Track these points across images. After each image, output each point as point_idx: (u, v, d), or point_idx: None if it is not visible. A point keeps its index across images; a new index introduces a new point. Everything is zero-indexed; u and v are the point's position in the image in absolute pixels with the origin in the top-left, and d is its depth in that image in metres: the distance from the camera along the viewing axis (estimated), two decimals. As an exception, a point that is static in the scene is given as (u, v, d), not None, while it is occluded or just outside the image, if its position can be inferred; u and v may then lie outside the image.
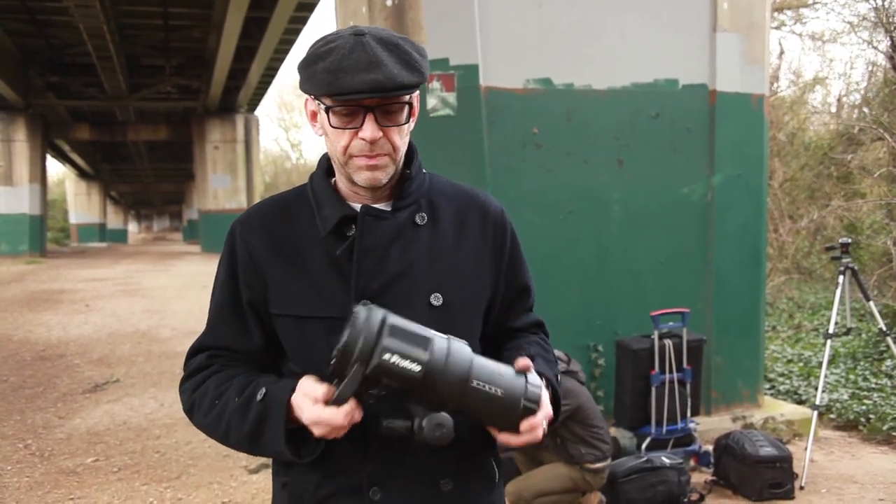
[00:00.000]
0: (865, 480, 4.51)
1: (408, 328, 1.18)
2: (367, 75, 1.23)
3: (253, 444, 1.33)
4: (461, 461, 1.40)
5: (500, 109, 4.81)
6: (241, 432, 1.32)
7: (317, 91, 1.28)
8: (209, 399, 1.37)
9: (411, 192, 1.41)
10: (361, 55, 1.25)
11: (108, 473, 4.80)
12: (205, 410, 1.38)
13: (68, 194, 49.07)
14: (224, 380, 1.39)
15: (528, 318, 1.55)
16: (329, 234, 1.38)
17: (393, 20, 4.67)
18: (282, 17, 18.28)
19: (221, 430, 1.36)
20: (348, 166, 1.34)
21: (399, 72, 1.26)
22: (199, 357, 1.45)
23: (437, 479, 1.37)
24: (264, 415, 1.29)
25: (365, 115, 1.28)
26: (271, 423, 1.28)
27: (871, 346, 7.47)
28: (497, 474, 1.48)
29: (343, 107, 1.28)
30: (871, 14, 11.89)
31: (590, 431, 3.72)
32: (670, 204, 5.11)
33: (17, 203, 25.83)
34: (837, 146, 11.75)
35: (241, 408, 1.32)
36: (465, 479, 1.40)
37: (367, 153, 1.31)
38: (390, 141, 1.32)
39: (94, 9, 16.50)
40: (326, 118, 1.31)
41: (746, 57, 5.23)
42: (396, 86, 1.25)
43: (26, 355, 8.58)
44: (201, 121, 28.83)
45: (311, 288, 1.37)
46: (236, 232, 1.44)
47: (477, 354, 1.23)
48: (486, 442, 1.44)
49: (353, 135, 1.30)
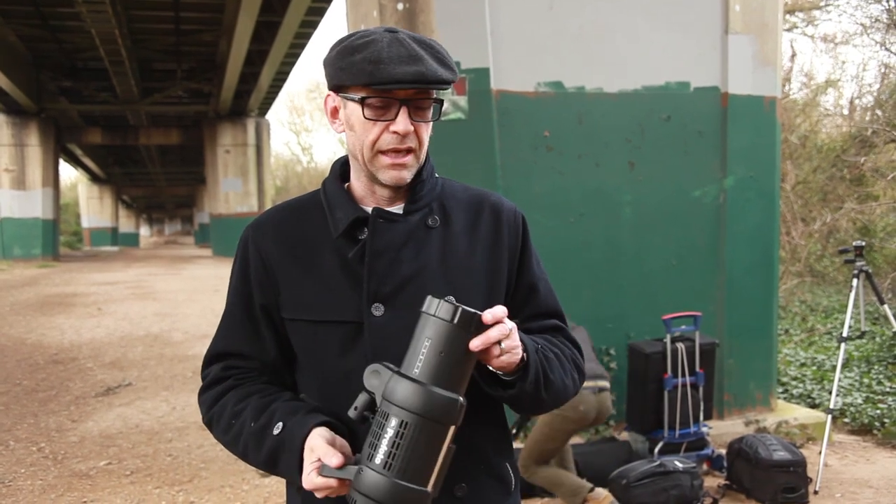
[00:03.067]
0: (881, 485, 4.48)
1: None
2: (410, 67, 1.25)
3: (270, 469, 1.35)
4: (475, 466, 1.38)
5: (512, 112, 4.81)
6: (258, 459, 1.35)
7: (355, 80, 1.28)
8: (226, 418, 1.39)
9: (423, 195, 1.41)
10: (400, 49, 1.27)
11: (121, 477, 4.81)
12: (223, 428, 1.40)
13: (81, 198, 49.44)
14: (241, 398, 1.40)
15: (545, 322, 1.49)
16: (341, 236, 1.37)
17: (404, 24, 4.67)
18: (293, 21, 18.34)
19: (239, 450, 1.38)
20: (374, 163, 1.34)
21: (438, 67, 1.29)
22: (214, 368, 1.46)
23: (450, 483, 1.35)
24: (279, 449, 1.31)
25: (399, 108, 1.29)
26: (285, 458, 1.30)
27: (885, 350, 7.42)
28: (513, 480, 1.46)
29: (379, 98, 1.29)
30: (883, 16, 11.83)
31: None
32: (682, 206, 5.09)
33: (31, 207, 26.04)
34: (850, 149, 11.68)
35: (258, 434, 1.34)
36: (479, 485, 1.39)
37: (396, 146, 1.31)
38: (418, 136, 1.33)
39: (106, 14, 16.62)
40: (360, 110, 1.31)
41: (758, 59, 5.20)
42: (437, 79, 1.27)
43: (39, 359, 8.62)
44: (212, 125, 28.97)
45: (324, 291, 1.36)
46: (248, 237, 1.44)
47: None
48: (501, 447, 1.43)
49: (384, 128, 1.31)
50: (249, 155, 29.27)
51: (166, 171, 46.60)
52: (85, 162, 41.87)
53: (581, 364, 1.47)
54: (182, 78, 25.36)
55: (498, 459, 1.43)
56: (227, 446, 1.42)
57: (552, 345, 1.43)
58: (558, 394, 1.39)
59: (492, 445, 1.41)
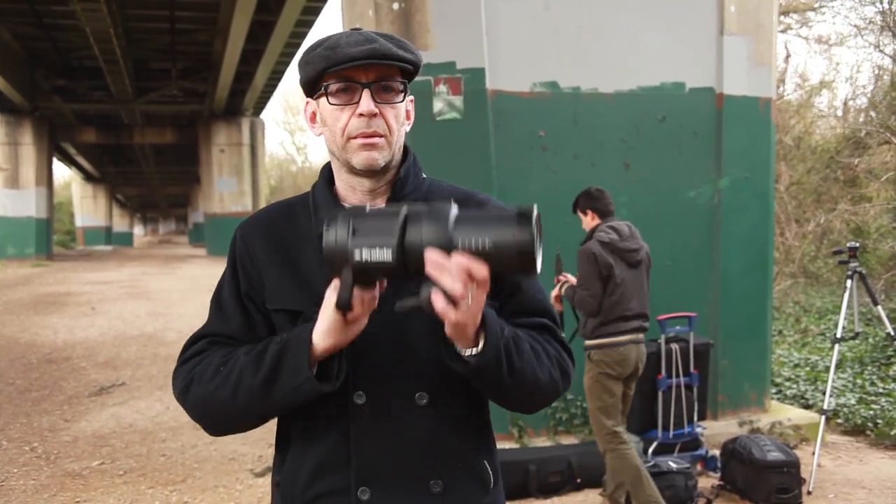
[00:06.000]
0: (873, 486, 4.49)
1: (374, 218, 1.17)
2: (364, 46, 1.30)
3: (268, 387, 1.29)
4: (451, 462, 1.38)
5: (507, 113, 4.81)
6: (255, 381, 1.29)
7: (316, 68, 1.33)
8: (213, 367, 1.35)
9: (406, 192, 1.42)
10: (358, 37, 1.33)
11: (114, 476, 4.80)
12: (208, 378, 1.34)
13: (74, 197, 49.26)
14: (228, 352, 1.38)
15: (531, 320, 1.45)
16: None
17: (399, 23, 4.67)
18: (288, 21, 18.31)
19: (229, 388, 1.32)
20: (346, 150, 1.36)
21: (392, 46, 1.33)
22: (199, 343, 1.43)
23: (426, 479, 1.35)
24: (282, 352, 1.29)
25: (362, 91, 1.33)
26: (291, 355, 1.27)
27: (878, 351, 7.45)
28: (492, 478, 1.44)
29: (340, 82, 1.33)
30: (877, 17, 11.88)
31: (606, 303, 3.82)
32: (677, 207, 5.10)
33: (24, 206, 25.95)
34: (844, 150, 11.72)
35: (255, 357, 1.31)
36: (456, 481, 1.38)
37: (364, 130, 1.33)
38: (386, 121, 1.35)
39: (100, 12, 16.57)
40: (326, 100, 1.35)
41: (753, 60, 5.22)
42: (391, 55, 1.31)
43: (32, 358, 8.59)
44: (207, 124, 28.91)
45: (303, 285, 1.38)
46: (238, 234, 1.48)
47: (461, 211, 1.17)
48: (478, 444, 1.43)
49: (351, 113, 1.34)
50: (244, 154, 29.22)
51: (160, 171, 46.45)
52: (79, 161, 41.72)
53: (566, 365, 1.43)
54: (177, 77, 25.28)
55: (475, 457, 1.42)
56: (211, 394, 1.33)
57: (535, 340, 1.39)
58: (526, 384, 1.33)
59: (469, 443, 1.41)
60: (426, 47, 4.67)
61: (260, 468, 4.82)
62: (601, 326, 3.82)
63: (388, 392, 1.34)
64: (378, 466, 1.34)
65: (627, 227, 3.91)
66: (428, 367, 1.34)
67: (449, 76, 4.67)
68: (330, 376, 1.29)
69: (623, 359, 3.79)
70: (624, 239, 3.85)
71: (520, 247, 1.10)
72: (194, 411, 1.38)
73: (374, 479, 1.34)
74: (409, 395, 1.35)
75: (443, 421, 1.36)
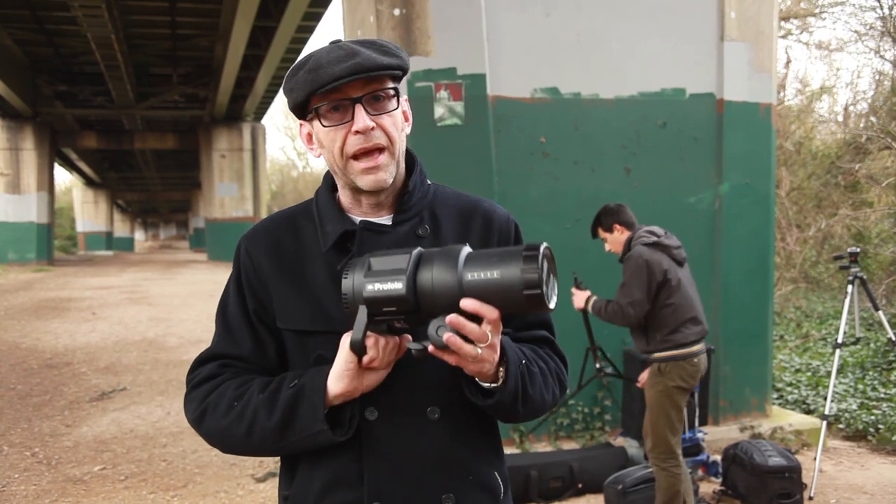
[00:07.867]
0: (875, 491, 4.49)
1: (388, 256, 1.20)
2: (346, 62, 1.26)
3: (282, 432, 1.29)
4: (462, 476, 1.38)
5: (508, 118, 4.82)
6: (269, 423, 1.29)
7: (303, 92, 1.29)
8: (227, 400, 1.34)
9: (412, 205, 1.40)
10: (339, 52, 1.28)
11: (115, 482, 4.80)
12: (222, 412, 1.33)
13: (75, 202, 49.30)
14: (243, 382, 1.36)
15: (534, 333, 1.47)
16: (330, 248, 1.38)
17: (400, 30, 4.68)
18: (289, 26, 18.35)
19: (243, 427, 1.31)
20: (348, 171, 1.33)
21: (375, 55, 1.29)
22: (209, 366, 1.41)
23: (438, 494, 1.35)
24: (297, 398, 1.28)
25: (354, 107, 1.29)
26: (306, 403, 1.27)
27: (879, 356, 7.44)
28: (502, 489, 1.44)
29: (330, 102, 1.30)
30: (877, 23, 11.89)
31: (668, 309, 3.55)
32: (677, 212, 5.10)
33: (25, 211, 25.99)
34: (844, 155, 11.73)
35: (269, 397, 1.30)
36: (468, 494, 1.38)
37: (363, 147, 1.30)
38: (385, 131, 1.32)
39: (102, 18, 16.61)
40: (319, 123, 1.32)
41: (754, 66, 5.23)
42: (376, 65, 1.27)
43: (34, 363, 8.59)
44: (208, 129, 28.97)
45: (313, 303, 1.36)
46: (242, 247, 1.44)
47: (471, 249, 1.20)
48: (488, 455, 1.43)
49: (346, 131, 1.30)
50: (245, 159, 29.25)
51: (161, 176, 46.52)
52: (80, 166, 41.74)
53: (564, 378, 1.46)
54: (178, 82, 25.35)
55: (486, 468, 1.42)
56: (226, 430, 1.33)
57: (539, 357, 1.41)
58: (535, 409, 1.37)
59: (480, 455, 1.40)
60: (427, 53, 4.69)
61: (261, 473, 4.82)
62: (671, 334, 3.55)
63: (400, 407, 1.33)
64: (391, 481, 1.33)
65: (660, 229, 3.75)
66: (439, 382, 1.34)
67: (450, 82, 4.68)
68: (343, 421, 1.30)
69: (697, 370, 3.57)
70: (666, 237, 3.69)
71: (527, 286, 1.11)
72: (209, 440, 1.39)
73: (387, 494, 1.33)
74: (421, 410, 1.34)
75: (454, 435, 1.36)
